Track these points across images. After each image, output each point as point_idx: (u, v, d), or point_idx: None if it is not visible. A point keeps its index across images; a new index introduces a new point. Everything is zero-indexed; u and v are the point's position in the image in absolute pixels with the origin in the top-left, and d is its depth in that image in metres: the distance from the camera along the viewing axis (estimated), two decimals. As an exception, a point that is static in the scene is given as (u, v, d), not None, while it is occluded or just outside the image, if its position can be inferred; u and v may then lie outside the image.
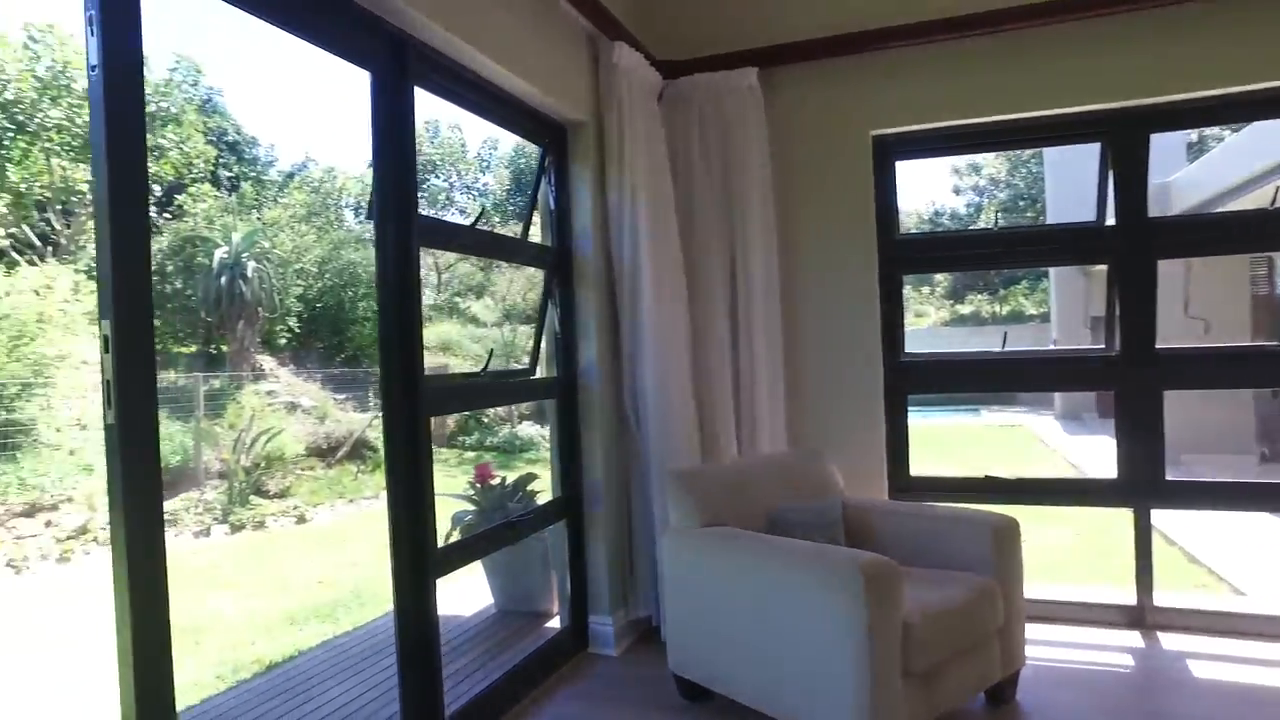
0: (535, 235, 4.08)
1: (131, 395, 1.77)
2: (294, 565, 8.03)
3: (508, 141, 27.93)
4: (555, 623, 4.33)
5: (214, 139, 19.26)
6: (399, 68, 2.67)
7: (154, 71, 17.05)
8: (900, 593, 2.44)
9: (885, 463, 4.14)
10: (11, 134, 14.37)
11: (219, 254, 13.06)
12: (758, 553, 2.81)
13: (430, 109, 31.29)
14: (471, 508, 4.80)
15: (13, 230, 11.89)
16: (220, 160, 18.49)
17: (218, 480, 11.12)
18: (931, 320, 29.70)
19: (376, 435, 14.09)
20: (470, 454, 15.80)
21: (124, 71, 1.75)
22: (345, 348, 16.87)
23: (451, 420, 16.97)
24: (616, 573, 3.85)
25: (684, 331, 3.97)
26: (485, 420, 17.09)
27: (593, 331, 3.79)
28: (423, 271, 2.94)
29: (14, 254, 13.26)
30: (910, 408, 4.22)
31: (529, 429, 16.64)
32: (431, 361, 18.18)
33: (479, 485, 4.93)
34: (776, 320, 4.10)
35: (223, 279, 12.99)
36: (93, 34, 1.71)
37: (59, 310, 10.13)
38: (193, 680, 4.78)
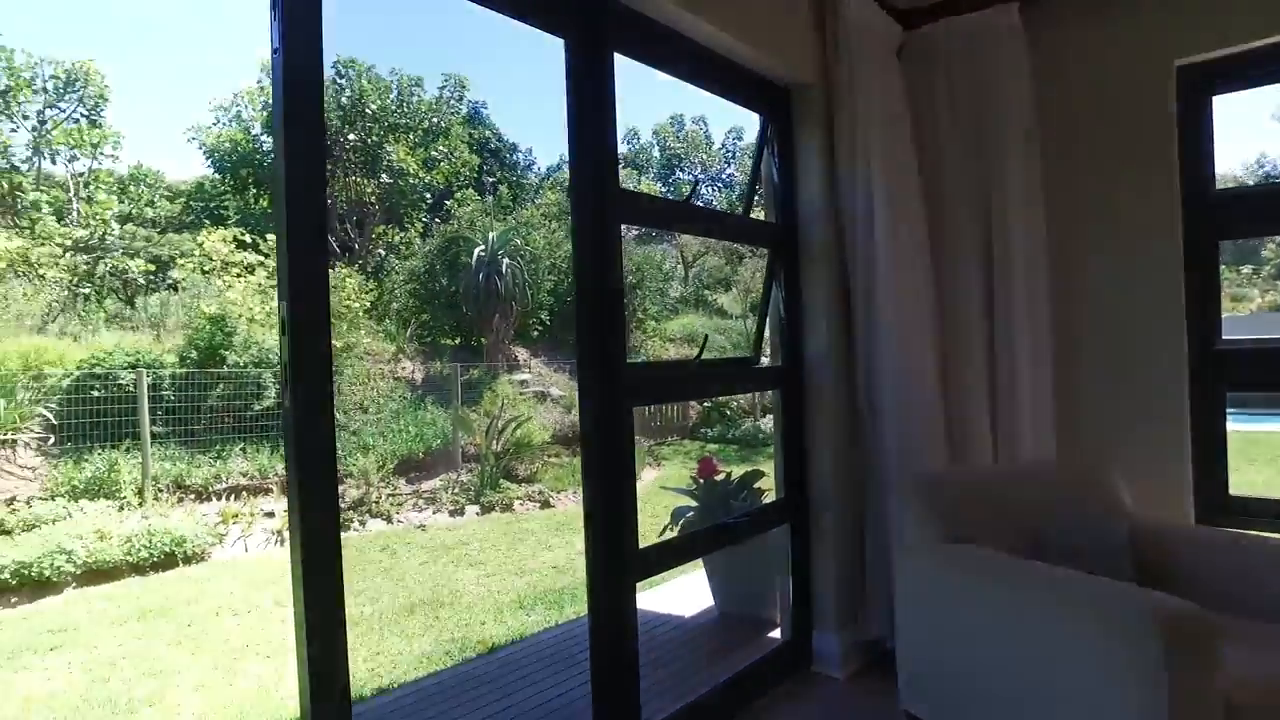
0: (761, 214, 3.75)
1: (308, 377, 1.71)
2: (533, 549, 8.36)
3: (754, 130, 27.74)
4: (778, 633, 3.99)
5: (478, 148, 20.95)
6: (595, 33, 2.47)
7: (427, 91, 18.91)
8: (1216, 654, 1.82)
9: (1190, 477, 3.33)
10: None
11: (478, 252, 14.09)
12: (1016, 583, 2.27)
13: (673, 103, 31.88)
14: (693, 504, 4.59)
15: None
16: (483, 167, 20.05)
17: (473, 463, 11.97)
18: (1257, 305, 24.52)
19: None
20: (713, 446, 15.82)
21: (303, 53, 1.69)
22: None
23: (694, 411, 17.11)
24: (845, 586, 3.43)
25: (929, 315, 3.45)
26: (728, 412, 17.01)
27: (821, 316, 3.39)
28: (670, 264, 2.71)
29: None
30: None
31: (772, 422, 16.31)
32: (674, 352, 18.45)
33: (702, 480, 4.71)
34: (1043, 301, 3.44)
35: (480, 275, 13.99)
36: (275, 18, 1.66)
37: (344, 306, 11.39)
38: (425, 653, 5.03)
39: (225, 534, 8.51)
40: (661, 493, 9.75)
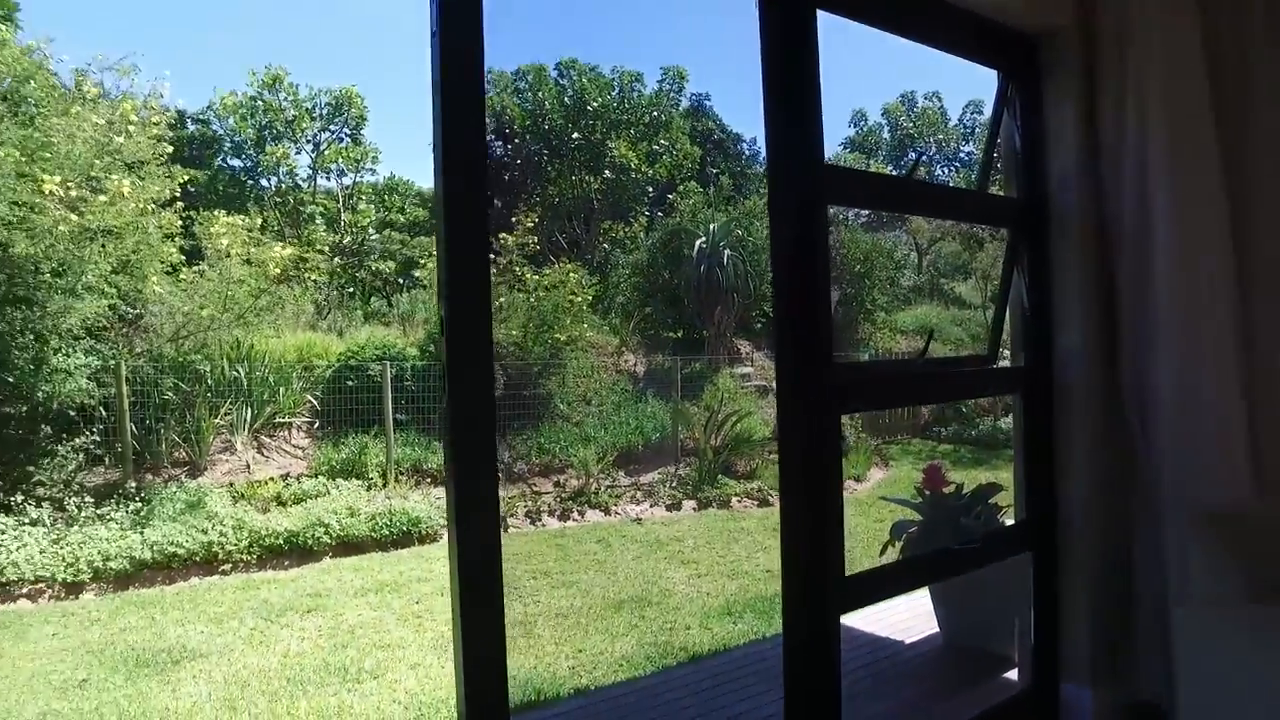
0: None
1: (466, 379, 1.57)
2: (748, 550, 8.11)
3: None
4: (1014, 674, 3.43)
5: (700, 140, 20.97)
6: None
7: (647, 86, 19.20)
8: None
9: None
10: (546, 155, 17.30)
11: (699, 244, 14.03)
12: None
13: (903, 80, 30.05)
14: (917, 518, 4.10)
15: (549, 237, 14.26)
16: (706, 159, 20.03)
17: (691, 458, 11.92)
18: None
19: (846, 423, 13.83)
20: (945, 447, 14.69)
21: (461, 40, 1.55)
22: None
23: (925, 408, 15.98)
24: (1102, 632, 2.82)
25: (1227, 305, 2.75)
26: (964, 410, 15.72)
27: (1076, 306, 2.81)
28: (902, 251, 2.35)
29: (550, 256, 15.91)
30: None
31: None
32: (905, 345, 17.37)
33: (928, 492, 4.20)
34: None
35: (701, 268, 13.93)
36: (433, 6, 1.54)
37: (568, 301, 11.77)
38: (626, 655, 4.95)
39: (458, 517, 9.06)
40: (884, 497, 9.14)
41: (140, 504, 7.92)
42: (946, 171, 26.32)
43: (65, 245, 7.30)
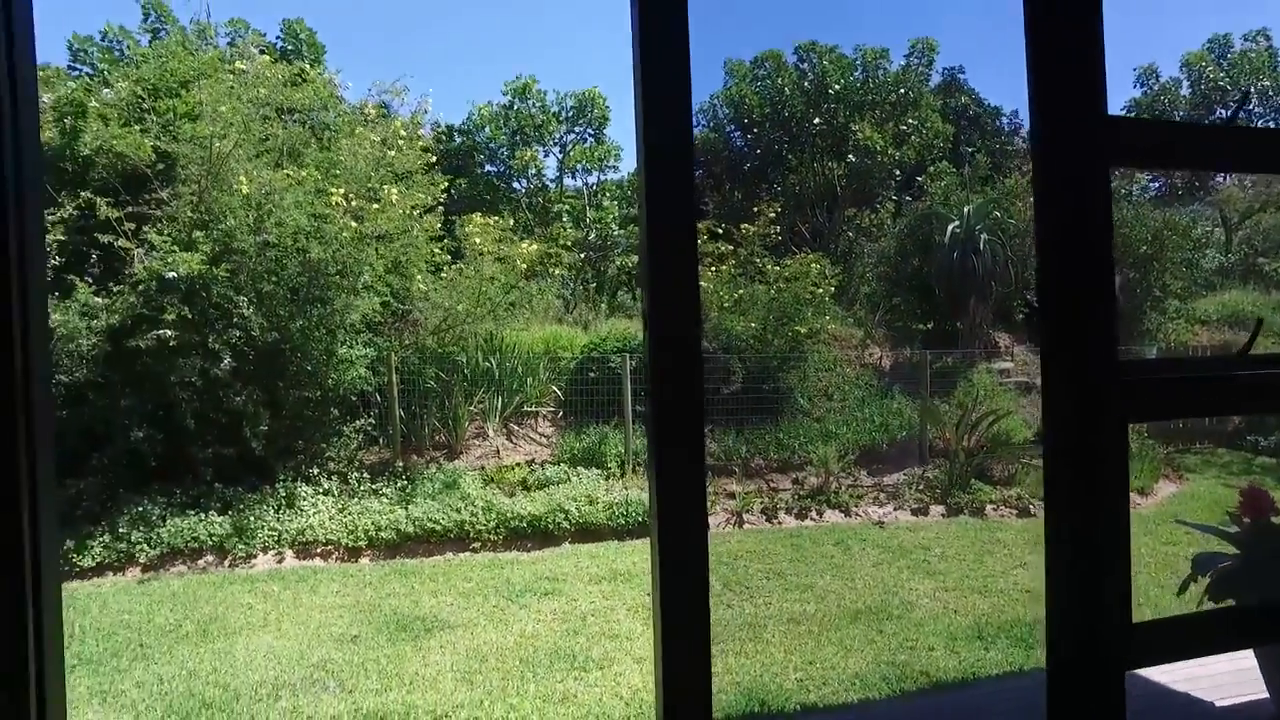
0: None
1: (672, 378, 1.40)
2: (1003, 564, 7.26)
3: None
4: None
5: (954, 116, 19.40)
6: None
7: (893, 63, 18.04)
8: None
9: None
10: (786, 143, 16.87)
11: (951, 228, 12.92)
12: None
13: (1210, 24, 25.68)
14: (1230, 550, 3.31)
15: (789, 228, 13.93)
16: (960, 137, 18.48)
17: (940, 459, 11.01)
18: None
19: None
20: (1265, 460, 12.34)
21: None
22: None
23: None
24: None
25: None
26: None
27: None
28: (1204, 227, 1.85)
29: (792, 246, 15.52)
30: None
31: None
32: (1206, 338, 14.92)
33: (1247, 520, 3.39)
34: None
35: (955, 254, 12.81)
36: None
37: (810, 292, 11.33)
38: (859, 673, 4.53)
39: (692, 510, 9.03)
40: (1181, 521, 7.81)
41: (406, 482, 8.72)
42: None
43: (348, 249, 8.18)
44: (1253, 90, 21.77)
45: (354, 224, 8.13)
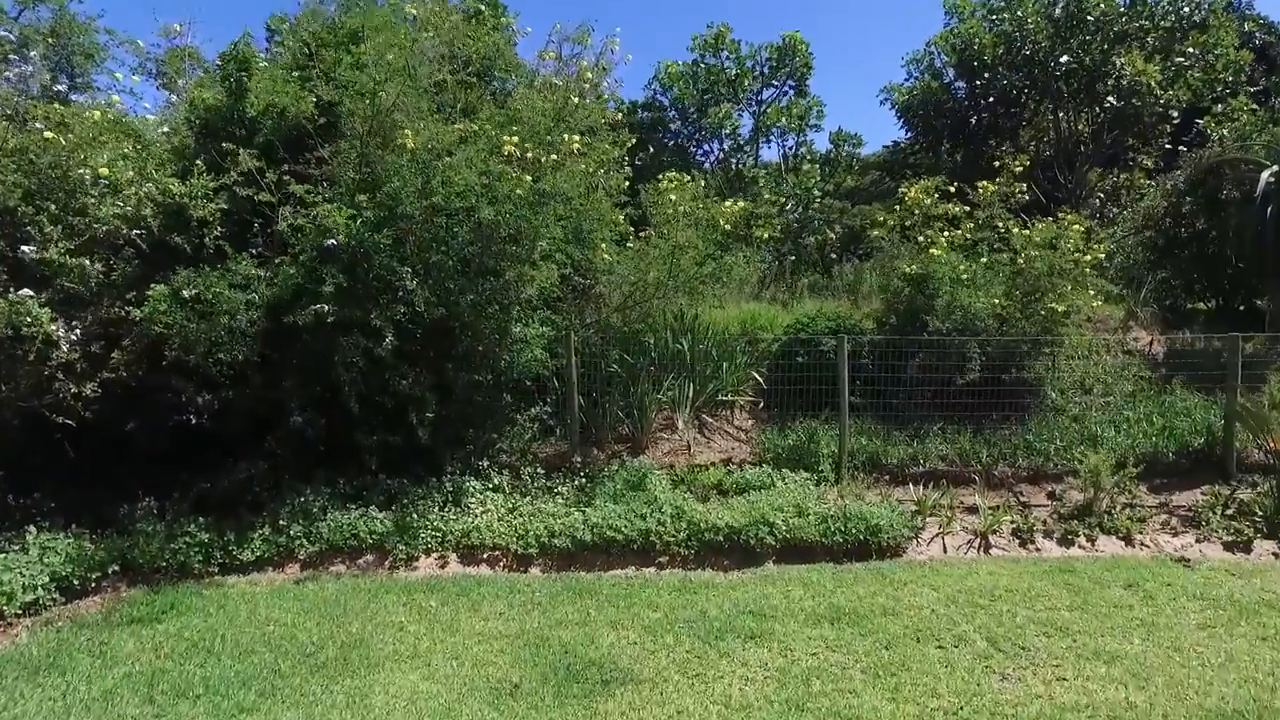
0: None
1: None
2: None
3: None
4: None
5: (1245, 44, 15.72)
6: None
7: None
8: None
9: None
10: (1028, 88, 14.22)
11: (1264, 177, 10.06)
12: None
13: None
14: None
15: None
16: (1254, 68, 14.92)
17: (1257, 475, 8.47)
18: None
19: None
20: None
21: None
22: None
23: None
24: None
25: None
26: None
27: None
28: None
29: (1036, 210, 13.06)
30: None
31: None
32: None
33: None
34: None
35: (1269, 210, 9.96)
36: None
37: (1070, 261, 9.09)
38: None
39: (921, 527, 7.29)
40: None
41: (584, 480, 7.63)
42: None
43: (522, 211, 7.10)
44: None
45: (527, 178, 7.01)
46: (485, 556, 6.73)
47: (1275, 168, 10.12)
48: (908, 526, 7.09)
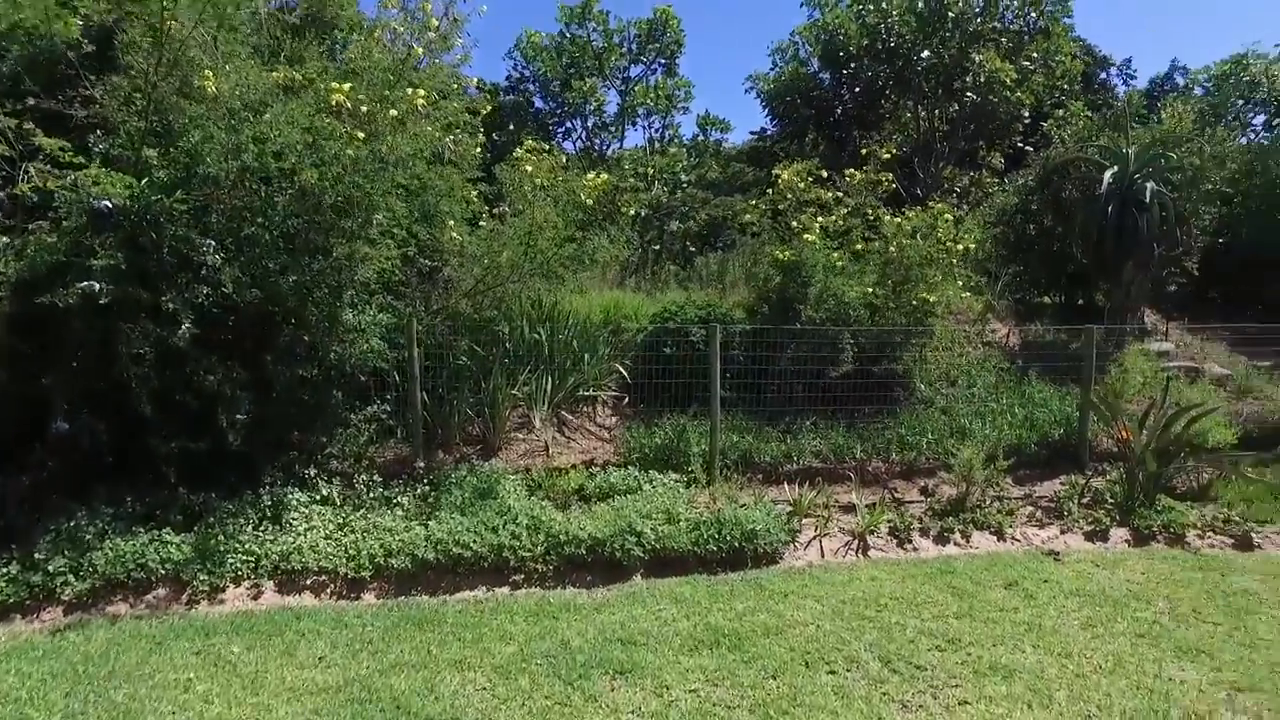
0: None
1: None
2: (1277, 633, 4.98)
3: None
4: None
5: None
6: None
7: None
8: None
9: None
10: (892, 81, 14.23)
11: (1108, 176, 10.37)
12: None
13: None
14: None
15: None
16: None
17: (1105, 463, 8.64)
18: None
19: None
20: None
21: None
22: (1264, 296, 12.40)
23: None
24: None
25: None
26: None
27: None
28: None
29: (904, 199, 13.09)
30: None
31: None
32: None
33: None
34: None
35: (1110, 209, 10.28)
36: None
37: (941, 250, 8.97)
38: None
39: (798, 530, 6.85)
40: None
41: (428, 488, 6.70)
42: None
43: (353, 176, 6.07)
44: None
45: (359, 135, 5.97)
46: (309, 583, 5.69)
47: (1115, 169, 10.46)
48: (784, 530, 6.62)
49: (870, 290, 8.90)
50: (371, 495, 6.51)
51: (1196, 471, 8.27)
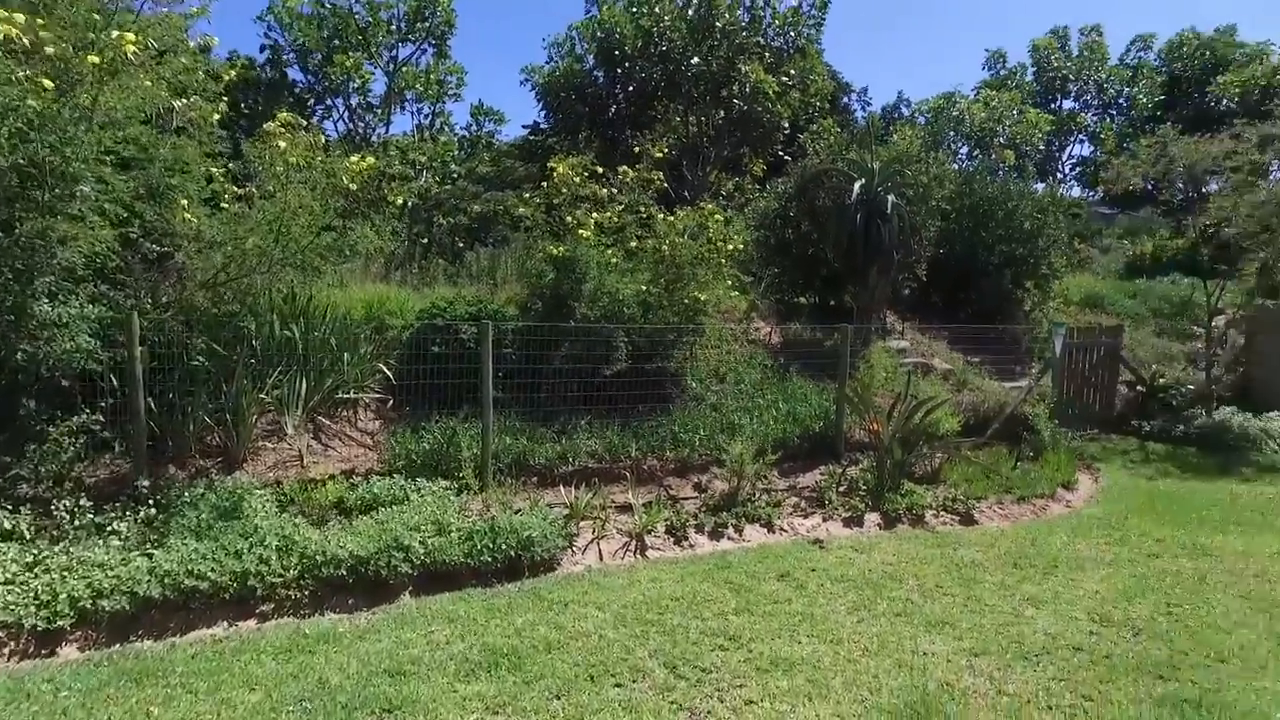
0: None
1: None
2: (1008, 601, 5.50)
3: (1163, 35, 21.28)
4: None
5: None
6: None
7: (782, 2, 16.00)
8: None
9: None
10: (663, 83, 14.41)
11: (857, 186, 11.23)
12: None
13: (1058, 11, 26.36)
14: None
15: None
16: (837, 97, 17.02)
17: (858, 453, 9.31)
18: None
19: (1034, 412, 11.04)
20: (1158, 447, 11.53)
21: None
22: (973, 300, 14.05)
23: (1122, 388, 12.86)
24: None
25: None
26: (1175, 400, 12.57)
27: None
28: None
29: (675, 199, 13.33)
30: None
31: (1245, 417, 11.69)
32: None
33: None
34: None
35: (859, 218, 11.14)
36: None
37: (711, 249, 9.19)
38: None
39: (576, 534, 6.66)
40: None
41: (154, 510, 5.71)
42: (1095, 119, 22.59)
43: (40, 134, 4.97)
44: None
45: (47, 84, 4.88)
46: (-18, 640, 4.60)
47: (863, 181, 11.36)
48: (561, 535, 6.39)
49: (644, 288, 8.93)
50: (77, 524, 5.42)
51: (930, 457, 9.12)
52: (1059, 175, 23.56)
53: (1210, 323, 13.04)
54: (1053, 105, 22.75)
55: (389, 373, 8.17)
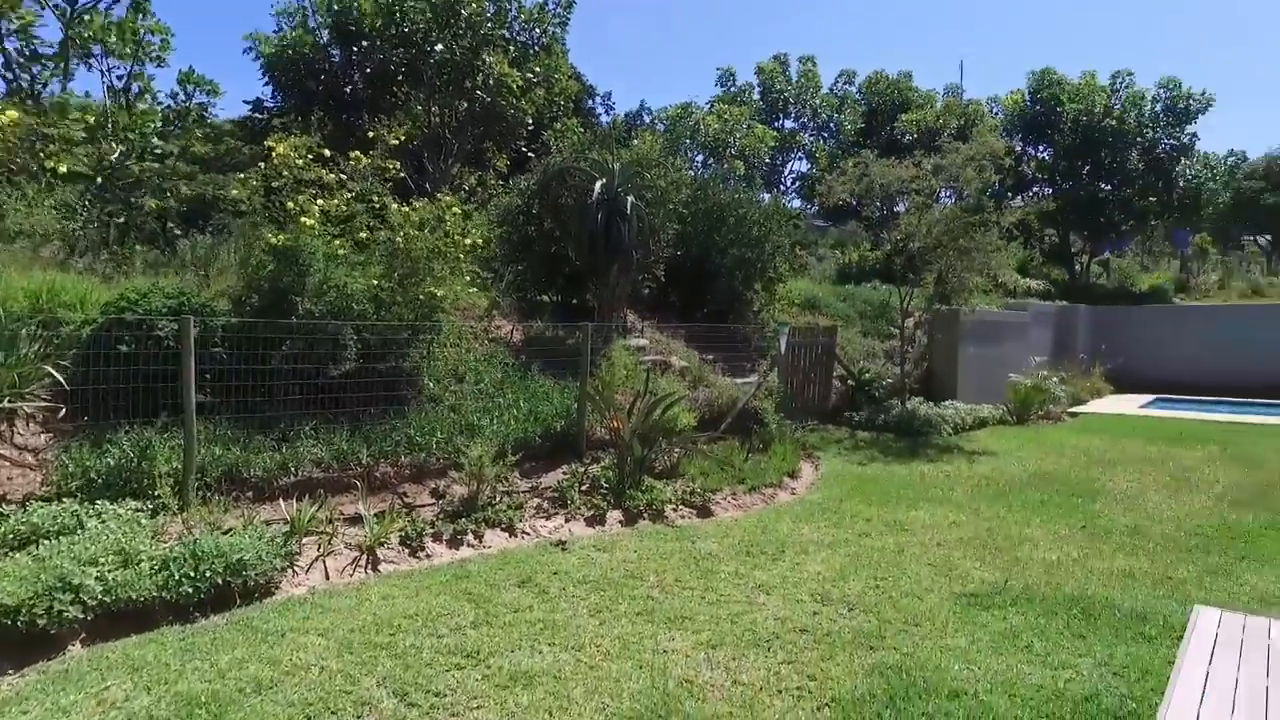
0: None
1: None
2: (740, 590, 5.74)
3: (862, 71, 24.10)
4: None
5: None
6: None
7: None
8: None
9: None
10: (404, 69, 13.50)
11: (598, 187, 11.32)
12: None
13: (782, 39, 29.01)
14: None
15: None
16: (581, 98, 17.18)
17: (599, 451, 9.38)
18: None
19: (763, 406, 11.83)
20: (865, 435, 12.89)
21: None
22: (708, 300, 14.81)
23: (835, 383, 14.22)
24: None
25: None
26: (877, 392, 14.08)
27: None
28: None
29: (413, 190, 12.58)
30: None
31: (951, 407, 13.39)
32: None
33: None
34: None
35: (600, 217, 11.25)
36: None
37: (449, 243, 8.76)
38: None
39: (298, 553, 6.00)
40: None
41: None
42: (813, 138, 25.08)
43: None
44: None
45: None
46: None
47: (604, 180, 11.50)
48: (280, 555, 5.72)
49: (376, 283, 8.32)
50: None
51: (669, 452, 9.42)
52: (782, 187, 25.80)
53: (903, 324, 14.81)
54: (776, 124, 24.84)
55: (60, 377, 6.83)
